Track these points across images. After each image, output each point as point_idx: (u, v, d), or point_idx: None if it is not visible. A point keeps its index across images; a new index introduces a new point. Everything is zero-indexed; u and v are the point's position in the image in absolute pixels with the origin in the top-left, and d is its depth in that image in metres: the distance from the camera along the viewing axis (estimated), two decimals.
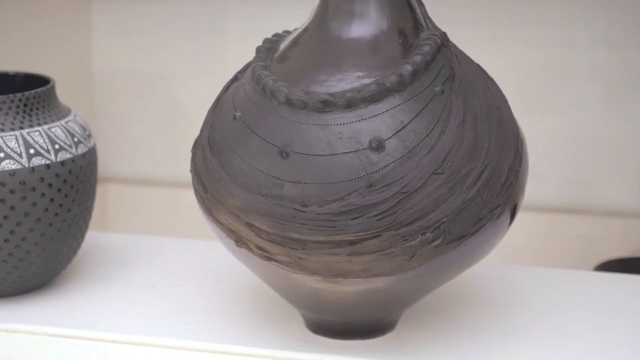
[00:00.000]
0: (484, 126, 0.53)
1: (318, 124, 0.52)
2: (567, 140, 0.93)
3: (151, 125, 1.04)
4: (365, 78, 0.53)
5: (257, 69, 0.56)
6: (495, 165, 0.53)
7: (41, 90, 0.65)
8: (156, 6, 1.00)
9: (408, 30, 0.55)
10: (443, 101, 0.53)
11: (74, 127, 0.66)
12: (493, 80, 0.58)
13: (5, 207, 0.62)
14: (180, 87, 1.02)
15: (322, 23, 0.56)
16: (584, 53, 0.91)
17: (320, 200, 0.51)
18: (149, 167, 1.05)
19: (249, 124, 0.54)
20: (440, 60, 0.54)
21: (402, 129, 0.52)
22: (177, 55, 1.01)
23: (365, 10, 0.55)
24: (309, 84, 0.54)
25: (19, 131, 0.63)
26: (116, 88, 1.04)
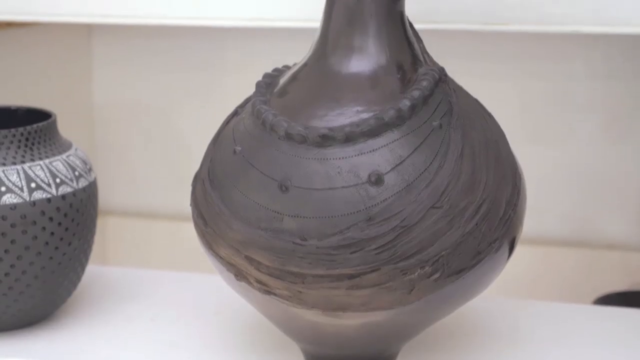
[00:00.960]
0: (482, 160, 0.54)
1: (317, 158, 0.53)
2: (566, 173, 0.93)
3: (151, 159, 1.04)
4: (364, 112, 0.53)
5: (257, 104, 0.57)
6: (494, 199, 0.53)
7: (42, 124, 0.65)
8: (156, 40, 1.01)
9: (406, 65, 0.56)
10: (441, 135, 0.53)
11: (75, 160, 0.67)
12: (491, 114, 0.58)
13: (6, 240, 0.62)
14: (181, 120, 1.02)
15: (322, 58, 0.56)
16: (582, 86, 0.92)
17: (320, 234, 0.52)
18: (149, 200, 1.05)
19: (248, 158, 0.55)
20: (438, 95, 0.55)
21: (400, 163, 0.52)
22: (178, 89, 1.02)
23: (364, 45, 0.55)
24: (309, 119, 0.54)
25: (21, 165, 0.63)
26: (117, 121, 1.04)
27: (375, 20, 0.55)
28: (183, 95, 1.02)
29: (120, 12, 0.75)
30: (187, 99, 1.02)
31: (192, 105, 1.01)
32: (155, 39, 1.01)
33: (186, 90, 1.02)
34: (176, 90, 1.02)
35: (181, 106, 1.02)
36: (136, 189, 1.05)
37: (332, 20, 0.56)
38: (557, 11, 0.66)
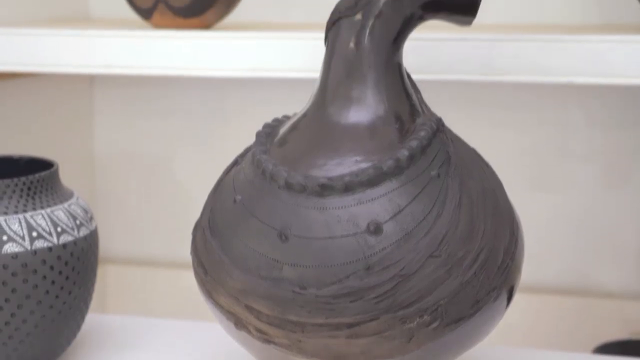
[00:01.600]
0: (480, 209, 0.54)
1: (317, 208, 0.53)
2: (564, 222, 0.93)
3: (152, 207, 1.05)
4: (363, 162, 0.54)
5: (257, 153, 0.57)
6: (492, 248, 0.54)
7: (44, 174, 0.66)
8: (157, 89, 1.02)
9: (405, 116, 0.57)
10: (439, 185, 0.54)
11: (76, 209, 0.67)
12: (488, 164, 0.59)
13: (7, 289, 0.62)
14: (181, 169, 1.03)
15: (321, 108, 0.57)
16: (580, 135, 0.92)
17: (319, 283, 0.52)
18: (149, 248, 1.05)
19: (249, 207, 0.55)
20: (436, 145, 0.55)
21: (399, 213, 0.52)
22: (178, 138, 1.03)
23: (363, 96, 0.56)
24: (308, 168, 0.55)
25: (22, 214, 0.64)
26: (117, 170, 1.05)
27: (373, 72, 0.56)
28: (183, 144, 1.02)
29: (122, 62, 0.76)
30: (188, 148, 1.02)
31: (193, 154, 1.02)
32: (156, 88, 1.02)
33: (186, 139, 1.02)
34: (176, 139, 1.03)
35: (181, 155, 1.03)
36: (136, 237, 1.05)
37: (331, 71, 0.57)
38: (553, 62, 0.66)
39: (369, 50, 0.56)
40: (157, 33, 0.76)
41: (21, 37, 0.78)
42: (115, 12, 0.97)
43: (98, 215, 1.01)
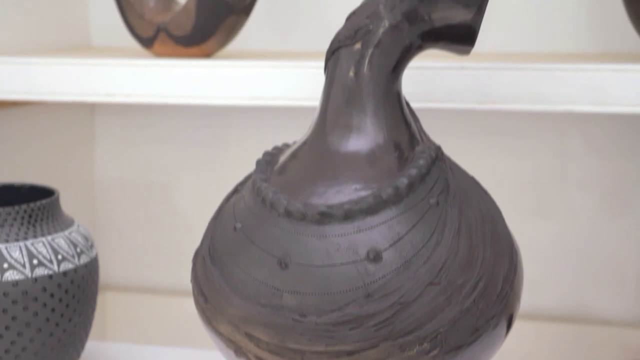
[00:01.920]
0: (479, 237, 0.54)
1: (317, 235, 0.53)
2: (563, 249, 0.93)
3: (152, 234, 1.05)
4: (363, 190, 0.54)
5: (257, 181, 0.57)
6: (491, 276, 0.54)
7: (45, 201, 0.66)
8: (157, 117, 1.02)
9: (404, 144, 0.57)
10: (438, 213, 0.54)
11: (76, 237, 0.67)
12: (487, 192, 0.59)
13: (7, 317, 0.62)
14: (181, 197, 1.03)
15: (321, 136, 0.58)
16: (579, 163, 0.93)
17: (319, 310, 0.52)
18: (149, 275, 1.05)
19: (249, 234, 0.56)
20: (435, 173, 0.56)
21: (398, 240, 0.53)
22: (178, 166, 1.03)
23: (362, 125, 0.57)
24: (308, 196, 0.55)
25: (23, 242, 0.64)
26: (118, 197, 1.05)
27: (373, 100, 0.56)
28: (184, 172, 1.03)
29: (123, 91, 0.76)
30: (188, 176, 1.03)
31: (193, 182, 1.02)
32: (156, 115, 1.02)
33: (187, 166, 1.03)
34: (177, 166, 1.03)
35: (182, 182, 1.03)
36: (136, 264, 1.05)
37: (330, 99, 0.58)
38: (551, 91, 0.67)
39: (368, 79, 0.56)
40: (158, 62, 0.76)
41: (23, 66, 0.78)
42: (116, 40, 0.97)
43: (98, 241, 1.01)
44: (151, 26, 0.80)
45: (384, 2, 0.56)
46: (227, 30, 0.78)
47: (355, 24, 0.57)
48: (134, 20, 0.82)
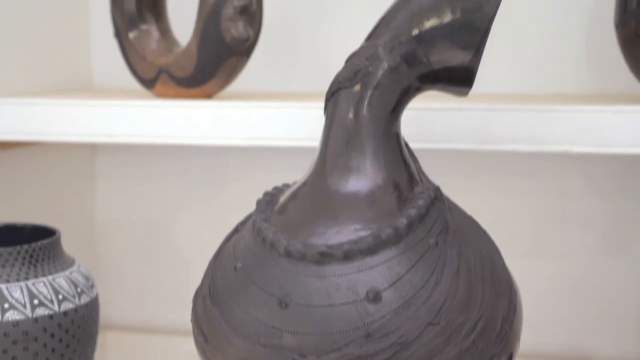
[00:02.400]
0: (478, 277, 0.55)
1: (316, 275, 0.53)
2: (563, 290, 0.94)
3: (152, 274, 1.05)
4: (362, 230, 0.55)
5: (258, 221, 0.58)
6: (490, 316, 0.54)
7: (47, 241, 0.67)
8: (159, 157, 1.03)
9: (403, 185, 0.57)
10: (437, 253, 0.54)
11: (77, 277, 0.67)
12: (486, 231, 0.59)
13: (8, 358, 0.62)
14: (182, 236, 1.03)
15: (320, 177, 0.58)
16: (579, 203, 0.93)
17: (319, 351, 0.52)
18: (149, 315, 1.05)
19: (249, 274, 0.56)
20: (434, 213, 0.56)
21: (398, 280, 0.53)
22: (179, 205, 1.03)
23: (362, 166, 0.57)
24: (308, 236, 0.55)
25: (24, 282, 0.64)
26: (118, 236, 1.05)
27: (372, 142, 0.57)
28: (184, 212, 1.03)
29: (124, 132, 0.77)
30: (189, 215, 1.03)
31: (194, 222, 1.03)
32: (157, 155, 1.03)
33: (187, 206, 1.03)
34: (177, 206, 1.03)
35: (182, 222, 1.03)
36: (137, 303, 1.05)
37: (330, 140, 0.58)
38: (548, 131, 0.68)
39: (368, 120, 0.57)
40: (160, 102, 0.77)
41: (26, 107, 0.79)
42: (118, 81, 0.98)
43: (99, 280, 1.01)
44: (153, 67, 0.81)
45: (383, 44, 0.57)
46: (228, 72, 0.79)
47: (355, 66, 0.58)
48: (136, 62, 0.83)
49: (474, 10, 0.55)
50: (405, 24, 0.57)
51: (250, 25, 0.77)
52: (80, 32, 1.02)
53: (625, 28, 0.73)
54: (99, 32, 1.01)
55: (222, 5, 0.76)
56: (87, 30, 1.02)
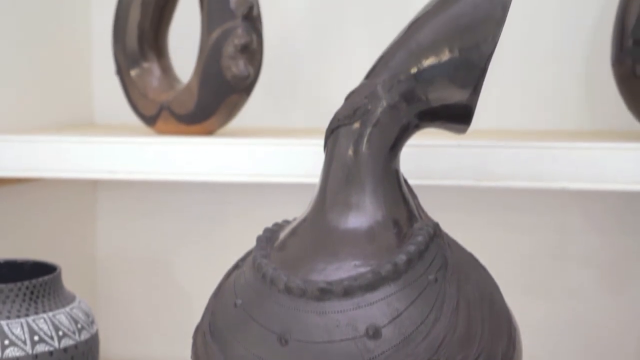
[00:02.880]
0: (477, 313, 0.55)
1: (316, 312, 0.54)
2: (563, 326, 0.93)
3: (153, 310, 1.05)
4: (362, 267, 0.55)
5: (258, 258, 0.58)
6: (489, 352, 0.54)
7: (47, 278, 0.67)
8: (160, 193, 1.03)
9: (402, 221, 0.58)
10: (437, 289, 0.54)
11: (78, 313, 0.68)
12: (485, 267, 0.59)
13: None
14: (182, 272, 1.04)
15: (320, 213, 0.58)
16: (578, 239, 0.93)
17: None
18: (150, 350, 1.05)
19: (249, 311, 0.56)
20: (433, 249, 0.56)
21: (397, 317, 0.53)
22: (179, 241, 1.03)
23: (361, 202, 0.57)
24: (308, 272, 0.55)
25: (25, 318, 0.64)
26: (119, 272, 1.06)
27: (371, 178, 0.57)
28: (185, 247, 1.03)
29: (126, 168, 0.77)
30: (189, 252, 1.03)
31: (194, 258, 1.03)
32: (158, 191, 1.03)
33: (188, 242, 1.03)
34: (178, 242, 1.04)
35: (183, 258, 1.03)
36: (137, 338, 1.05)
37: (330, 177, 0.58)
38: (547, 168, 0.68)
39: (367, 157, 0.57)
40: (161, 139, 0.78)
41: (27, 144, 0.80)
42: (120, 118, 0.99)
43: (99, 316, 1.01)
44: (154, 105, 0.82)
45: (382, 82, 0.58)
46: (229, 109, 0.79)
47: (354, 104, 0.58)
48: (138, 99, 0.83)
49: (471, 49, 0.56)
50: (403, 63, 0.57)
51: (251, 63, 0.78)
52: (83, 69, 1.03)
53: (621, 66, 0.74)
54: (101, 69, 1.02)
55: (223, 44, 0.77)
56: (89, 67, 1.03)
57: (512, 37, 0.89)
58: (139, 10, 0.83)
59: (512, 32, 0.87)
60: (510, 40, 0.88)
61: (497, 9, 0.55)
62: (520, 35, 0.92)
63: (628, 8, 0.73)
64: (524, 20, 0.91)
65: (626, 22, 0.73)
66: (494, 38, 0.55)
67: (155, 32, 0.84)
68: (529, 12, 0.91)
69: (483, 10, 0.55)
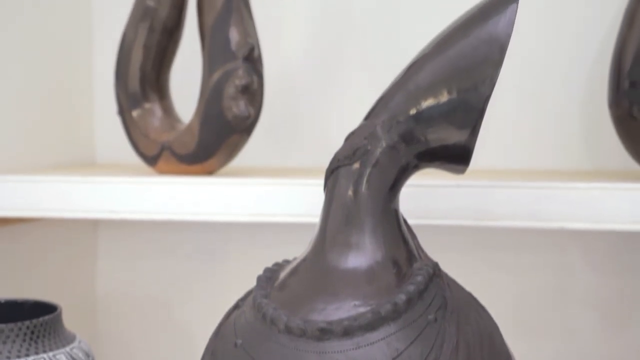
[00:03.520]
0: (477, 353, 0.55)
1: (316, 352, 0.54)
2: None
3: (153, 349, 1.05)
4: (362, 307, 0.55)
5: (258, 298, 0.58)
6: None
7: (48, 318, 0.67)
8: (160, 232, 1.03)
9: (402, 261, 0.58)
10: (436, 329, 0.55)
11: (78, 353, 0.68)
12: (484, 308, 0.60)
13: None
14: (182, 312, 1.03)
15: (320, 253, 0.59)
16: (578, 279, 0.93)
17: None
18: None
19: (249, 350, 0.56)
20: (432, 289, 0.56)
21: (397, 357, 0.53)
22: (180, 281, 1.03)
23: (361, 242, 0.58)
24: (308, 312, 0.56)
25: (25, 358, 0.64)
26: (119, 311, 1.05)
27: (371, 219, 0.58)
28: (185, 287, 1.03)
29: (127, 208, 0.78)
30: (189, 291, 1.03)
31: (194, 297, 1.03)
32: (158, 230, 1.03)
33: (188, 282, 1.03)
34: (178, 281, 1.04)
35: (183, 298, 1.03)
36: None
37: (330, 217, 0.59)
38: (545, 208, 0.68)
39: (367, 197, 0.58)
40: (162, 179, 0.78)
41: (29, 184, 0.80)
42: (121, 157, 0.99)
43: (99, 356, 1.01)
44: (155, 145, 0.82)
45: (381, 123, 0.58)
46: (229, 149, 0.80)
47: (354, 144, 0.59)
48: (139, 139, 0.84)
49: (469, 90, 0.56)
50: (402, 104, 0.58)
51: (252, 104, 0.78)
52: (85, 109, 1.03)
53: (618, 108, 0.74)
54: (103, 109, 1.03)
55: (224, 84, 0.77)
56: (91, 107, 1.04)
57: (510, 78, 0.90)
58: (141, 52, 0.83)
59: (510, 72, 0.88)
60: (508, 81, 0.89)
61: (495, 51, 0.56)
62: (519, 76, 0.92)
63: (624, 50, 0.74)
64: (522, 61, 0.92)
65: (622, 64, 0.74)
66: (492, 80, 0.56)
67: (157, 73, 0.85)
68: (526, 53, 0.92)
69: (481, 53, 0.56)
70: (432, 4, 0.95)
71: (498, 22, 0.56)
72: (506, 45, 0.56)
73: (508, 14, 0.56)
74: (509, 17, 0.56)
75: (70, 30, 1.00)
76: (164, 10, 0.83)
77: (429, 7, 0.95)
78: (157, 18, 0.83)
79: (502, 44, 0.56)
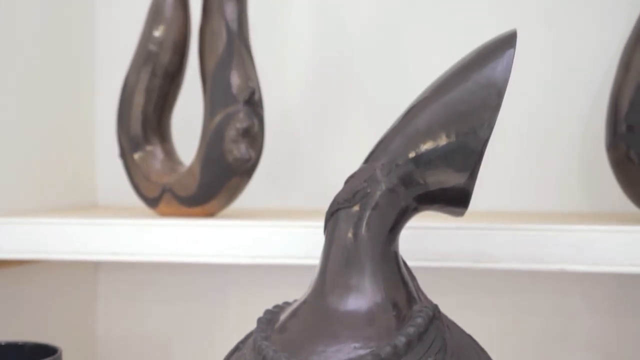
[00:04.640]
0: None
1: None
2: None
3: None
4: (361, 349, 0.55)
5: (258, 340, 0.58)
6: None
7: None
8: (161, 275, 1.03)
9: (401, 303, 0.58)
10: None
11: None
12: (484, 350, 0.60)
13: None
14: (183, 354, 1.03)
15: (320, 295, 0.59)
16: (579, 323, 0.93)
17: None
18: None
19: None
20: (432, 332, 0.57)
21: None
22: (180, 323, 1.03)
23: (361, 285, 0.58)
24: (308, 355, 0.56)
25: None
26: (120, 354, 1.05)
27: (370, 261, 0.58)
28: (185, 330, 1.03)
29: (128, 250, 0.78)
30: (189, 333, 1.03)
31: (194, 340, 1.02)
32: (159, 273, 1.03)
33: (188, 324, 1.03)
34: (178, 324, 1.03)
35: (183, 340, 1.03)
36: None
37: (330, 259, 0.59)
38: (544, 250, 0.69)
39: (367, 240, 0.58)
40: (163, 221, 0.78)
41: (30, 226, 0.80)
42: (122, 200, 1.00)
43: None
44: (156, 187, 0.83)
45: (380, 166, 0.59)
46: (230, 192, 0.80)
47: (354, 187, 0.59)
48: (140, 181, 0.84)
49: (468, 134, 0.57)
50: (401, 147, 0.58)
51: (252, 147, 0.79)
52: (86, 152, 1.04)
53: (616, 151, 0.75)
54: (104, 152, 1.04)
55: (225, 128, 0.78)
56: (92, 150, 1.05)
57: (508, 121, 0.90)
58: (143, 96, 0.84)
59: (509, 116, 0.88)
60: (507, 123, 0.90)
61: (493, 95, 0.56)
62: (517, 119, 0.93)
63: (620, 94, 0.75)
64: (520, 104, 0.93)
65: (619, 108, 0.74)
66: (490, 123, 0.56)
67: (159, 116, 0.85)
68: (524, 96, 0.93)
69: (479, 97, 0.57)
70: (430, 51, 0.96)
71: (496, 67, 0.57)
72: (504, 90, 0.56)
73: (505, 59, 0.56)
74: (507, 62, 0.56)
75: (72, 73, 1.01)
76: (166, 55, 0.84)
77: (427, 54, 0.96)
78: (159, 63, 0.84)
79: (500, 88, 0.56)
